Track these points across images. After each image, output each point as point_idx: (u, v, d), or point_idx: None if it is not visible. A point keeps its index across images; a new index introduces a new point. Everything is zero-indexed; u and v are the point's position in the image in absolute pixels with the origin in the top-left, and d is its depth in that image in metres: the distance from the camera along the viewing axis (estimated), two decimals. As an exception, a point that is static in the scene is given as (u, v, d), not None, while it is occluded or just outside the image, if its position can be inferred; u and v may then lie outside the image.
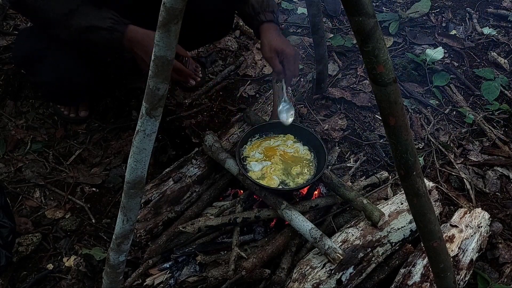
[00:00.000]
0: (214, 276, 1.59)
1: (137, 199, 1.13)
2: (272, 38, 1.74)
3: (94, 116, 2.30)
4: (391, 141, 0.97)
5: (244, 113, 1.99)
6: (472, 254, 1.65)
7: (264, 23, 1.76)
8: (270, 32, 1.75)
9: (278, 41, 1.73)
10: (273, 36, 1.74)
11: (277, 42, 1.72)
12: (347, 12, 0.82)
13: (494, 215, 1.93)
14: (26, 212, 1.93)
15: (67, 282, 1.73)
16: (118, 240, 1.20)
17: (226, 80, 2.52)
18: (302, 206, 1.70)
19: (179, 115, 2.31)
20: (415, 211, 1.09)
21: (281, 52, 1.71)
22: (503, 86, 2.47)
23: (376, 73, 0.86)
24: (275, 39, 1.73)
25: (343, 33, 2.82)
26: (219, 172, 1.90)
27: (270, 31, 1.76)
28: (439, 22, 2.90)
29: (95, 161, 2.14)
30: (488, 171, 2.11)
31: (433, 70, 2.54)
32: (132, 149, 1.03)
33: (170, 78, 0.93)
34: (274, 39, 1.73)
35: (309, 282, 1.48)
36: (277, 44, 1.72)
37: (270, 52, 1.72)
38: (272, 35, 1.74)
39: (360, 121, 2.31)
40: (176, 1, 0.81)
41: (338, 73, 2.55)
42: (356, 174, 2.07)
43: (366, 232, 1.62)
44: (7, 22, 2.64)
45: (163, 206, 1.79)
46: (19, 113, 2.28)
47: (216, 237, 1.75)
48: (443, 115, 2.35)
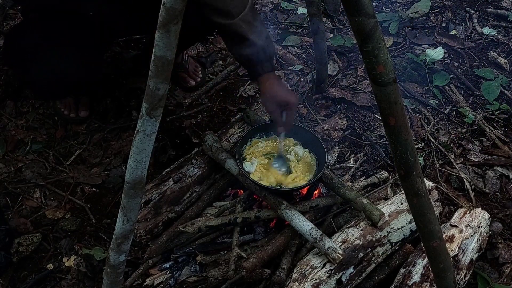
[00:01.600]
0: (214, 276, 1.59)
1: (137, 199, 1.13)
2: (274, 90, 1.66)
3: (94, 116, 2.30)
4: (391, 141, 0.97)
5: (244, 113, 1.99)
6: (472, 254, 1.65)
7: (264, 74, 1.67)
8: (271, 83, 1.67)
9: (281, 93, 1.65)
10: (274, 88, 1.66)
11: (280, 95, 1.65)
12: (347, 12, 0.82)
13: (494, 215, 1.93)
14: (26, 212, 1.93)
15: (67, 282, 1.74)
16: (118, 240, 1.20)
17: (226, 80, 2.52)
18: (302, 206, 1.70)
19: (179, 115, 2.31)
20: (415, 211, 1.09)
21: (284, 104, 1.65)
22: (503, 86, 2.47)
23: (376, 73, 0.86)
24: (277, 91, 1.65)
25: (343, 33, 2.82)
26: (219, 172, 1.90)
27: (271, 82, 1.67)
28: (439, 22, 2.90)
29: (95, 161, 2.14)
30: (488, 171, 2.11)
31: (433, 70, 2.54)
32: (132, 149, 1.03)
33: (170, 78, 0.93)
34: (277, 91, 1.65)
35: (309, 282, 1.48)
36: (280, 97, 1.64)
37: (273, 106, 1.66)
38: (274, 87, 1.66)
39: (360, 121, 2.31)
40: (176, 1, 0.81)
41: (338, 73, 2.55)
42: (356, 174, 2.07)
43: (366, 232, 1.62)
44: (7, 22, 2.64)
45: (163, 206, 1.79)
46: (19, 113, 2.28)
47: (216, 237, 1.75)
48: (443, 115, 2.35)
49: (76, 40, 1.78)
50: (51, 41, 1.77)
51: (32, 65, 1.84)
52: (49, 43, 1.78)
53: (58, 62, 1.82)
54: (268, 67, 1.67)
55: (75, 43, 1.77)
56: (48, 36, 1.77)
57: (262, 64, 1.65)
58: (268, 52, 1.65)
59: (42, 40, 1.79)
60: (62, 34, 1.77)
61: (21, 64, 1.90)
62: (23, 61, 1.86)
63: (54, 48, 1.79)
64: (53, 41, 1.77)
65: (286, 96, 1.65)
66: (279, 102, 1.65)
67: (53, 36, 1.77)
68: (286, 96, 1.66)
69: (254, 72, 1.68)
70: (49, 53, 1.80)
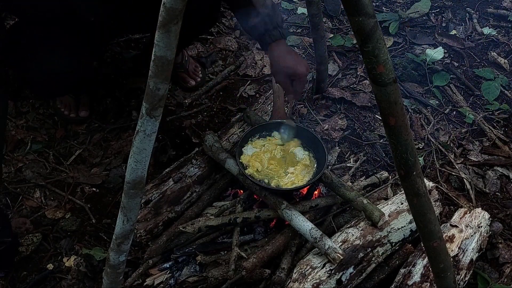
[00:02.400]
0: (214, 276, 1.59)
1: (137, 199, 1.13)
2: (282, 60, 1.63)
3: (94, 116, 2.30)
4: (391, 141, 0.97)
5: (244, 113, 1.99)
6: (472, 254, 1.65)
7: (272, 43, 1.65)
8: (279, 52, 1.64)
9: (289, 63, 1.62)
10: (283, 58, 1.63)
11: (289, 65, 1.62)
12: (347, 12, 0.82)
13: (494, 215, 1.93)
14: (26, 212, 1.93)
15: (67, 282, 1.73)
16: (118, 240, 1.20)
17: (226, 80, 2.52)
18: (302, 206, 1.70)
19: (179, 115, 2.31)
20: (415, 211, 1.09)
21: (293, 74, 1.64)
22: (503, 86, 2.47)
23: (376, 73, 0.86)
24: (286, 60, 1.63)
25: (343, 33, 2.82)
26: (219, 172, 1.90)
27: (280, 51, 1.64)
28: (439, 22, 2.90)
29: (95, 161, 2.14)
30: (488, 171, 2.11)
31: (433, 70, 2.54)
32: (132, 149, 1.03)
33: (170, 78, 0.93)
34: (285, 61, 1.63)
35: (309, 282, 1.48)
36: (289, 66, 1.62)
37: (282, 77, 1.65)
38: (282, 56, 1.63)
39: (360, 121, 2.31)
40: (176, 2, 0.81)
41: (338, 73, 2.55)
42: (356, 174, 2.07)
43: (366, 232, 1.62)
44: (7, 22, 2.64)
45: (163, 206, 1.79)
46: (19, 113, 2.28)
47: (216, 237, 1.75)
48: (443, 115, 2.35)
49: (75, 39, 1.78)
50: (49, 40, 1.77)
51: (30, 64, 1.84)
52: (47, 42, 1.78)
53: (57, 61, 1.82)
54: (276, 35, 1.64)
55: (74, 42, 1.77)
56: (46, 35, 1.77)
57: (270, 33, 1.64)
58: (276, 19, 1.64)
59: (40, 39, 1.78)
60: (61, 33, 1.77)
61: (19, 63, 1.90)
62: (21, 60, 1.86)
63: (52, 47, 1.79)
64: (52, 40, 1.77)
65: (294, 66, 1.62)
66: (288, 72, 1.63)
67: (52, 35, 1.77)
68: (294, 65, 1.62)
69: (263, 42, 1.67)
70: (47, 52, 1.80)
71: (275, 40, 1.65)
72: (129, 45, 2.63)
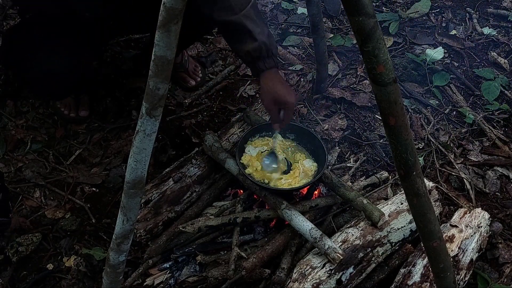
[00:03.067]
0: (214, 276, 1.60)
1: (137, 199, 1.13)
2: (274, 88, 1.64)
3: (94, 116, 2.30)
4: (391, 141, 0.97)
5: (244, 113, 1.99)
6: (472, 254, 1.65)
7: (266, 70, 1.65)
8: (272, 80, 1.65)
9: (280, 91, 1.63)
10: (274, 86, 1.64)
11: (279, 94, 1.63)
12: (347, 12, 0.82)
13: (494, 215, 1.93)
14: (26, 212, 1.93)
15: (67, 282, 1.73)
16: (118, 240, 1.20)
17: (226, 80, 2.52)
18: (302, 206, 1.70)
19: (179, 115, 2.31)
20: (415, 211, 1.09)
21: (282, 103, 1.65)
22: (503, 86, 2.47)
23: (376, 73, 0.86)
24: (277, 89, 1.63)
25: (343, 33, 2.81)
26: (219, 172, 1.90)
27: (272, 79, 1.65)
28: (439, 22, 2.90)
29: (95, 161, 2.14)
30: (488, 171, 2.11)
31: (433, 70, 2.54)
32: (132, 149, 1.03)
33: (170, 77, 0.93)
34: (276, 89, 1.63)
35: (309, 282, 1.48)
36: (279, 95, 1.63)
37: (271, 105, 1.66)
38: (274, 84, 1.64)
39: (360, 121, 2.31)
40: (176, 1, 0.81)
41: (338, 73, 2.55)
42: (356, 174, 2.07)
43: (366, 232, 1.62)
44: (7, 22, 2.64)
45: (163, 206, 1.79)
46: (19, 113, 2.28)
47: (216, 237, 1.75)
48: (443, 115, 2.35)
49: (75, 39, 1.78)
50: (49, 40, 1.77)
51: (30, 64, 1.84)
52: (47, 42, 1.78)
53: (57, 61, 1.82)
54: (271, 64, 1.65)
55: (74, 42, 1.77)
56: (46, 35, 1.77)
57: (264, 60, 1.64)
58: (271, 48, 1.64)
59: (40, 39, 1.78)
60: (60, 33, 1.77)
61: (19, 64, 1.90)
62: (21, 61, 1.86)
63: (52, 47, 1.79)
64: (52, 40, 1.77)
65: (285, 95, 1.64)
66: (277, 100, 1.64)
67: (51, 35, 1.77)
68: (285, 95, 1.64)
69: (256, 68, 1.67)
70: (47, 52, 1.80)
71: (269, 68, 1.65)
72: (129, 45, 2.63)
